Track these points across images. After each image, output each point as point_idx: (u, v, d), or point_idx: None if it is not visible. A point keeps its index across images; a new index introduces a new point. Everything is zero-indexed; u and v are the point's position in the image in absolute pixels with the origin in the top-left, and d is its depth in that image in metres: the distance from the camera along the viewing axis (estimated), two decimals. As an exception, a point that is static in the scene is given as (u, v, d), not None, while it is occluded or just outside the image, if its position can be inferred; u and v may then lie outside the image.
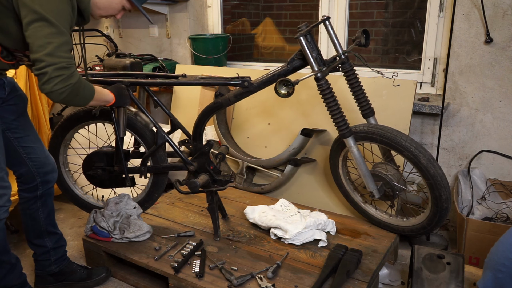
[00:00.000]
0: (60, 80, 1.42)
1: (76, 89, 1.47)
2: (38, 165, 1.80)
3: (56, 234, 1.96)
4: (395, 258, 2.09)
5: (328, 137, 2.45)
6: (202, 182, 2.00)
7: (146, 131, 2.10)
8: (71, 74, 1.44)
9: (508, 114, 2.29)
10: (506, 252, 1.36)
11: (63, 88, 1.43)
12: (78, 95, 1.50)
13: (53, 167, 1.88)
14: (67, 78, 1.43)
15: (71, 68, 1.45)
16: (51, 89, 1.42)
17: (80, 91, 1.50)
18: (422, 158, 1.81)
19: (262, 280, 1.73)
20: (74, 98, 1.49)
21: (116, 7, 1.65)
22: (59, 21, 1.41)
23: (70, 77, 1.44)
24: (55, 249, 1.96)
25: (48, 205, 1.90)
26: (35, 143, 1.81)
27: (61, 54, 1.41)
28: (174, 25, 3.30)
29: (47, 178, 1.85)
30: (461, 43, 2.32)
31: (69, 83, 1.44)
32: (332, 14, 2.79)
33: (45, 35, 1.39)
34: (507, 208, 2.18)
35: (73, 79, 1.45)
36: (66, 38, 1.44)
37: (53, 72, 1.40)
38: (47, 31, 1.39)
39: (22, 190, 1.83)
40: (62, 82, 1.42)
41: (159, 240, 2.07)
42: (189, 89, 3.02)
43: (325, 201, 2.47)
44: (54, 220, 1.96)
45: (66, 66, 1.43)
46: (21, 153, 1.76)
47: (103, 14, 1.67)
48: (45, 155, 1.85)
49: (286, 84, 1.77)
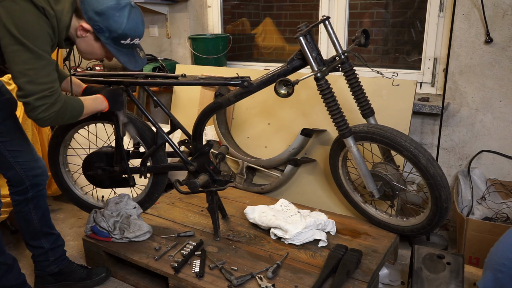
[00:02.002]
0: (44, 109, 1.43)
1: (61, 114, 1.49)
2: (26, 169, 1.78)
3: (52, 235, 1.94)
4: (395, 258, 2.09)
5: (328, 137, 2.45)
6: (202, 182, 2.00)
7: (146, 132, 2.10)
8: (54, 102, 1.45)
9: (508, 114, 2.29)
10: (506, 252, 1.35)
11: (47, 116, 1.45)
12: (64, 117, 1.52)
13: (43, 170, 1.85)
14: (49, 106, 1.44)
15: (54, 95, 1.45)
16: (35, 117, 1.44)
17: (66, 114, 1.51)
18: (422, 158, 1.81)
19: (262, 280, 1.73)
20: (61, 120, 1.52)
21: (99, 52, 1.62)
22: (37, 45, 1.39)
23: (53, 105, 1.45)
24: (53, 250, 1.94)
25: (41, 207, 1.87)
26: (22, 146, 1.78)
27: (41, 81, 1.41)
28: (174, 25, 3.30)
29: (36, 181, 1.82)
30: (461, 43, 2.32)
31: (53, 111, 1.45)
32: (332, 14, 2.79)
33: (24, 61, 1.38)
34: (507, 208, 2.18)
35: (56, 107, 1.46)
36: (45, 62, 1.42)
37: (35, 102, 1.41)
38: (25, 56, 1.38)
39: (13, 193, 1.81)
40: (45, 111, 1.44)
41: (159, 240, 2.07)
42: (189, 89, 3.02)
43: (325, 201, 2.48)
44: (49, 221, 1.93)
45: (48, 94, 1.43)
46: (7, 156, 1.73)
47: (90, 57, 1.67)
48: (34, 158, 1.82)
49: (286, 84, 1.77)
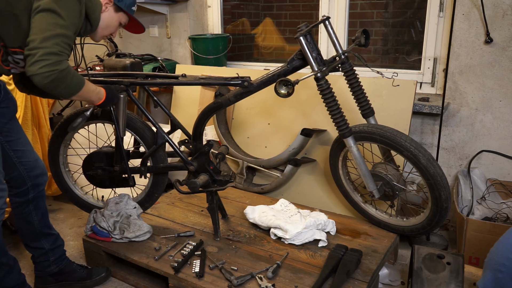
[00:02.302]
0: (47, 64, 1.40)
1: (62, 77, 1.45)
2: (28, 169, 1.79)
3: (52, 235, 1.95)
4: (395, 258, 2.09)
5: (328, 137, 2.45)
6: (202, 182, 2.00)
7: (146, 132, 2.10)
8: (59, 61, 1.43)
9: (508, 114, 2.29)
10: (506, 252, 1.35)
11: (48, 72, 1.41)
12: (63, 84, 1.47)
13: (43, 170, 1.86)
14: (54, 63, 1.42)
15: (62, 56, 1.44)
16: (36, 71, 1.40)
17: (66, 80, 1.47)
18: (422, 158, 1.81)
19: (262, 280, 1.73)
20: (57, 86, 1.47)
21: (115, 24, 1.70)
22: (68, 17, 1.45)
23: (58, 63, 1.43)
24: (53, 250, 1.95)
25: (41, 208, 1.88)
26: (25, 146, 1.79)
27: (56, 41, 1.42)
28: (174, 25, 3.30)
29: (38, 181, 1.83)
30: (461, 43, 2.32)
31: (55, 68, 1.42)
32: (332, 14, 2.79)
33: (50, 23, 1.41)
34: (507, 208, 2.18)
35: (60, 66, 1.43)
36: (69, 33, 1.46)
37: (42, 56, 1.40)
38: (53, 20, 1.42)
39: (13, 195, 1.81)
40: (48, 66, 1.41)
41: (159, 240, 2.07)
42: (189, 89, 3.02)
43: (325, 201, 2.47)
44: (48, 221, 1.94)
45: (58, 52, 1.42)
46: (12, 157, 1.74)
47: (105, 34, 1.72)
48: (35, 158, 1.83)
49: (286, 84, 1.77)
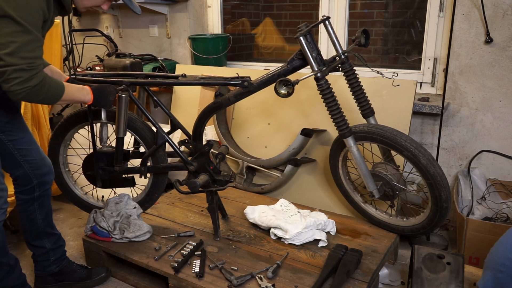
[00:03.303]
0: (18, 82, 1.40)
1: (36, 91, 1.45)
2: (34, 167, 1.79)
3: (54, 235, 1.96)
4: (395, 258, 2.09)
5: (328, 137, 2.45)
6: (202, 182, 2.00)
7: (146, 132, 2.10)
8: (30, 77, 1.41)
9: (508, 114, 2.29)
10: (506, 252, 1.36)
11: (20, 89, 1.41)
12: (39, 96, 1.48)
13: (50, 168, 1.86)
14: (25, 80, 1.41)
15: (32, 71, 1.42)
16: (8, 88, 1.41)
17: (41, 93, 1.47)
18: (422, 157, 1.81)
19: (262, 280, 1.73)
20: (34, 98, 1.47)
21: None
22: (25, 19, 1.37)
23: (29, 80, 1.41)
24: (54, 250, 1.95)
25: (46, 207, 1.89)
26: (30, 145, 1.79)
27: (22, 55, 1.39)
28: (174, 25, 3.30)
29: (44, 179, 1.84)
30: (461, 43, 2.32)
31: (27, 85, 1.42)
32: (332, 14, 2.79)
33: (8, 33, 1.36)
34: (507, 208, 2.18)
35: (31, 82, 1.42)
36: (32, 37, 1.40)
37: (12, 73, 1.38)
38: (11, 29, 1.36)
39: (19, 192, 1.82)
40: (19, 84, 1.40)
41: (159, 240, 2.07)
42: (189, 89, 3.02)
43: (325, 201, 2.47)
44: (52, 221, 1.95)
45: (26, 68, 1.40)
46: (16, 155, 1.74)
47: (87, 5, 1.63)
48: (41, 157, 1.83)
49: (286, 84, 1.77)
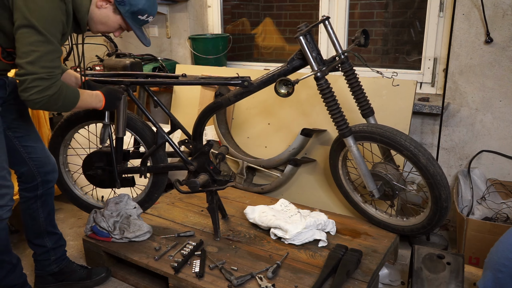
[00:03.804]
0: (37, 90, 1.42)
1: (54, 100, 1.48)
2: (38, 165, 1.81)
3: (55, 234, 1.96)
4: (395, 258, 2.09)
5: (328, 137, 2.45)
6: (202, 181, 2.00)
7: (146, 132, 2.10)
8: (49, 86, 1.44)
9: (508, 114, 2.29)
10: (506, 252, 1.36)
11: (39, 98, 1.44)
12: (56, 105, 1.51)
13: (54, 167, 1.88)
14: (44, 89, 1.43)
15: (51, 80, 1.44)
16: (27, 97, 1.44)
17: (58, 101, 1.50)
18: (422, 157, 1.81)
19: (262, 280, 1.73)
20: (51, 107, 1.51)
21: (113, 25, 1.66)
22: (48, 30, 1.41)
23: (48, 89, 1.44)
24: (55, 249, 1.96)
25: (49, 205, 1.90)
26: (36, 142, 1.81)
27: (43, 64, 1.41)
28: (174, 25, 3.30)
29: (48, 177, 1.85)
30: (461, 43, 2.32)
31: (46, 94, 1.44)
32: (332, 14, 2.79)
33: (31, 42, 1.39)
34: (507, 208, 2.18)
35: (50, 91, 1.45)
36: (53, 47, 1.44)
37: (31, 82, 1.41)
38: (34, 38, 1.39)
39: (23, 189, 1.83)
40: (38, 93, 1.43)
41: (159, 240, 2.07)
42: (189, 89, 3.02)
43: (325, 201, 2.47)
44: (54, 220, 1.96)
45: (46, 77, 1.43)
46: (22, 152, 1.76)
47: (101, 30, 1.69)
48: (46, 155, 1.85)
49: (286, 84, 1.77)
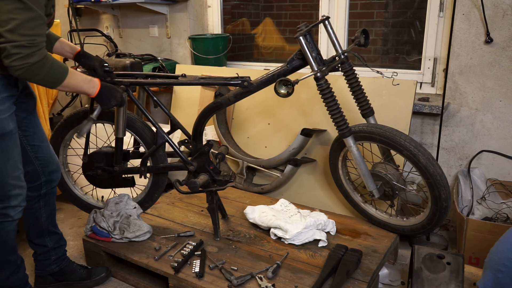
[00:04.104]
0: (18, 57, 1.40)
1: (36, 69, 1.44)
2: (43, 164, 1.81)
3: (56, 234, 1.97)
4: (395, 258, 2.09)
5: (328, 137, 2.45)
6: (202, 182, 2.00)
7: (146, 132, 2.10)
8: (31, 53, 1.41)
9: (508, 114, 2.29)
10: (506, 252, 1.36)
11: (20, 65, 1.41)
12: (38, 75, 1.47)
13: (57, 166, 1.89)
14: (25, 57, 1.41)
15: (33, 48, 1.42)
16: (8, 64, 1.41)
17: (41, 72, 1.46)
18: (421, 157, 1.81)
19: (262, 280, 1.73)
20: (33, 77, 1.47)
21: None
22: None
23: (29, 56, 1.41)
24: (55, 249, 1.96)
25: (50, 205, 1.91)
26: (42, 141, 1.81)
27: (23, 32, 1.39)
28: (174, 25, 3.30)
29: (51, 177, 1.86)
30: (461, 43, 2.32)
31: (27, 62, 1.41)
32: (332, 14, 2.79)
33: (9, 10, 1.36)
34: (507, 208, 2.18)
35: (32, 59, 1.42)
36: (34, 14, 1.40)
37: (11, 49, 1.39)
38: (12, 5, 1.36)
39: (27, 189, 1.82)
40: (19, 60, 1.40)
41: (159, 240, 2.07)
42: (189, 89, 3.02)
43: (325, 201, 2.47)
44: (55, 220, 1.96)
45: (26, 45, 1.40)
46: (29, 151, 1.76)
47: None
48: (50, 154, 1.85)
49: (286, 84, 1.77)
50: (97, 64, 1.89)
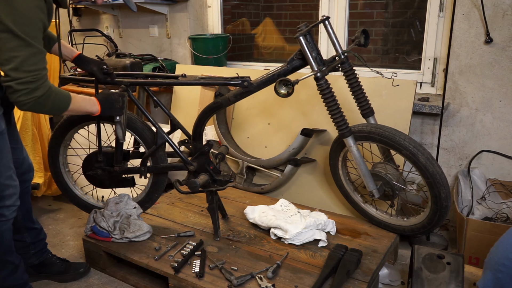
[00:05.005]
0: (24, 93, 1.44)
1: (42, 101, 1.49)
2: (16, 166, 1.81)
3: (35, 229, 2.00)
4: (395, 258, 2.09)
5: (328, 137, 2.45)
6: (202, 182, 2.00)
7: (146, 132, 2.10)
8: (36, 87, 1.45)
9: (508, 114, 2.29)
10: (506, 252, 1.36)
11: (27, 100, 1.45)
12: (45, 107, 1.52)
13: (29, 166, 1.92)
14: (31, 91, 1.44)
15: (38, 81, 1.45)
16: (15, 100, 1.45)
17: (47, 103, 1.51)
18: (421, 156, 1.81)
19: (262, 280, 1.73)
20: (41, 108, 1.52)
21: None
22: (27, 33, 1.39)
23: (35, 90, 1.45)
24: (34, 243, 2.00)
25: (26, 203, 1.93)
26: (17, 143, 1.84)
27: (26, 69, 1.42)
28: (174, 25, 3.30)
29: (24, 177, 1.89)
30: (461, 43, 2.32)
31: (34, 96, 1.45)
32: (332, 14, 2.79)
33: (11, 48, 1.39)
34: (507, 208, 2.18)
35: (38, 92, 1.46)
36: (35, 50, 1.43)
37: (17, 86, 1.42)
38: (13, 43, 1.38)
39: None
40: (25, 95, 1.44)
41: (159, 240, 2.07)
42: (189, 89, 3.02)
43: (325, 201, 2.47)
44: (32, 216, 1.99)
45: (32, 80, 1.43)
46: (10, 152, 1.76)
47: None
48: (23, 156, 1.88)
49: (286, 84, 1.77)
50: (95, 68, 1.91)
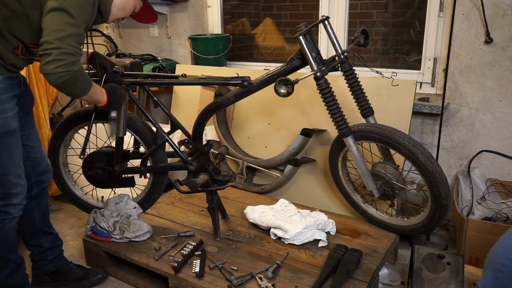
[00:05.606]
0: (62, 64, 1.43)
1: (75, 78, 1.48)
2: (34, 165, 1.82)
3: (52, 234, 1.97)
4: (395, 258, 2.09)
5: (328, 137, 2.45)
6: (202, 181, 2.00)
7: (146, 132, 2.10)
8: (74, 62, 1.46)
9: (508, 114, 2.29)
10: (506, 252, 1.36)
11: (63, 72, 1.44)
12: (75, 84, 1.51)
13: (48, 167, 1.90)
14: (69, 64, 1.45)
15: (77, 57, 1.47)
16: (51, 70, 1.43)
17: (78, 81, 1.51)
18: (420, 155, 1.81)
19: (262, 280, 1.73)
20: (71, 86, 1.50)
21: (130, 8, 1.72)
22: (78, 15, 1.46)
23: (73, 64, 1.46)
24: (51, 249, 1.97)
25: (43, 205, 1.91)
26: (35, 142, 1.82)
27: (70, 42, 1.45)
28: (174, 25, 3.30)
29: (42, 178, 1.86)
30: (461, 43, 2.32)
31: (70, 69, 1.45)
32: (332, 14, 2.79)
33: (62, 23, 1.43)
34: (507, 208, 2.18)
35: (75, 67, 1.47)
36: (80, 31, 1.48)
37: (58, 55, 1.42)
38: (64, 20, 1.43)
39: None
40: (63, 67, 1.44)
41: (159, 240, 2.07)
42: (189, 89, 3.02)
43: (325, 201, 2.47)
44: (49, 221, 1.97)
45: (72, 53, 1.45)
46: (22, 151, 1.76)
47: (120, 16, 1.72)
48: (42, 155, 1.86)
49: (286, 84, 1.77)
50: (108, 63, 1.94)
